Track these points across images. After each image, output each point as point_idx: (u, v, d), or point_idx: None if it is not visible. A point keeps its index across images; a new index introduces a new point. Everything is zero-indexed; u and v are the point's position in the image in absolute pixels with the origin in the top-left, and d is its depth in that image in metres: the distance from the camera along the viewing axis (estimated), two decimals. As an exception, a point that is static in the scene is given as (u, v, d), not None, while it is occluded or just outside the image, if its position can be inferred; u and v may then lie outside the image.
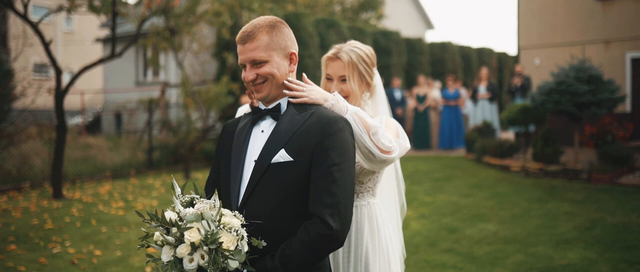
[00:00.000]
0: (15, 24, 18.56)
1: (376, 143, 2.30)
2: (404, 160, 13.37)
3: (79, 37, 34.78)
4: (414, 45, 20.56)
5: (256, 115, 2.24)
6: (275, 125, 2.17)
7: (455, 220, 7.65)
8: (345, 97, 2.68)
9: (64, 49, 33.92)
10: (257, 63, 2.14)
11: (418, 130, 15.80)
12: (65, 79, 33.21)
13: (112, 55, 10.21)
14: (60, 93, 9.80)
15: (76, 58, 33.22)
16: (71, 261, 6.13)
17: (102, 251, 6.53)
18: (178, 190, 2.08)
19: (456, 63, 22.38)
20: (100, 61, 10.21)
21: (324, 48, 16.45)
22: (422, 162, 13.10)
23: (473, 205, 8.54)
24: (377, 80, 2.80)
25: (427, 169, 11.92)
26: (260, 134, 2.20)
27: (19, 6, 14.10)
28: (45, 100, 13.93)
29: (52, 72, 29.91)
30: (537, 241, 6.52)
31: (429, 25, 33.68)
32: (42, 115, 16.09)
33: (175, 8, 11.38)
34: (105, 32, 25.14)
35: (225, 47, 14.38)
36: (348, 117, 2.27)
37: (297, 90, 2.22)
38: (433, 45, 22.04)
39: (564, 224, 7.23)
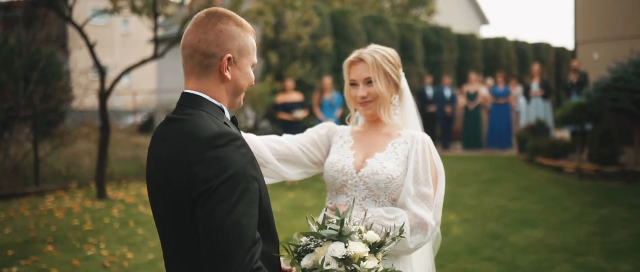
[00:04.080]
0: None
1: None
2: (453, 160, 12.96)
3: (136, 38, 35.59)
4: (466, 41, 19.96)
5: None
6: None
7: (500, 225, 7.26)
8: (372, 100, 2.48)
9: (122, 51, 34.77)
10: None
11: (468, 129, 15.30)
12: (123, 80, 34.02)
13: (155, 56, 10.26)
14: (104, 94, 9.90)
15: (133, 59, 33.95)
16: (103, 263, 6.10)
17: (135, 253, 6.48)
18: (352, 227, 1.93)
19: (511, 59, 21.62)
20: (143, 62, 10.27)
21: (371, 45, 16.13)
22: (471, 162, 12.64)
23: (521, 209, 8.10)
24: (405, 85, 2.58)
25: (475, 170, 11.47)
26: None
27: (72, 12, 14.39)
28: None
29: (110, 73, 30.69)
30: (587, 250, 6.08)
31: (483, 20, 32.80)
32: (96, 116, 16.45)
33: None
34: (159, 33, 25.57)
35: (270, 45, 14.28)
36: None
37: None
38: (486, 41, 21.37)
39: (619, 231, 6.73)
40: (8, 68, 10.98)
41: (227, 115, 1.91)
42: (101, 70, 9.88)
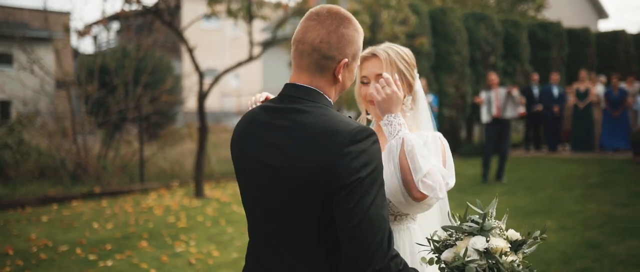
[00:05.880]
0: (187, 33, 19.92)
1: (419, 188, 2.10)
2: (558, 163, 12.24)
3: (245, 42, 36.82)
4: (578, 36, 18.76)
5: None
6: None
7: (601, 234, 6.72)
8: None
9: (231, 54, 36.11)
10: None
11: (578, 129, 14.37)
12: (232, 82, 35.35)
13: (250, 59, 10.51)
14: (202, 96, 10.28)
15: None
16: (189, 260, 6.30)
17: (221, 252, 6.64)
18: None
19: (630, 54, 20.08)
20: (238, 65, 10.56)
21: (473, 43, 15.61)
22: (578, 165, 11.86)
23: (628, 217, 7.46)
24: (419, 86, 2.45)
25: (582, 173, 10.74)
26: None
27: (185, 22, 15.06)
28: (210, 103, 14.78)
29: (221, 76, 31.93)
30: (700, 264, 5.48)
31: (601, 14, 30.75)
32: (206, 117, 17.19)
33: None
34: (265, 36, 26.31)
35: (367, 45, 14.19)
36: (393, 142, 2.10)
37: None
38: (601, 35, 20.00)
39: None
40: (119, 73, 11.72)
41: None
42: (200, 73, 10.27)
